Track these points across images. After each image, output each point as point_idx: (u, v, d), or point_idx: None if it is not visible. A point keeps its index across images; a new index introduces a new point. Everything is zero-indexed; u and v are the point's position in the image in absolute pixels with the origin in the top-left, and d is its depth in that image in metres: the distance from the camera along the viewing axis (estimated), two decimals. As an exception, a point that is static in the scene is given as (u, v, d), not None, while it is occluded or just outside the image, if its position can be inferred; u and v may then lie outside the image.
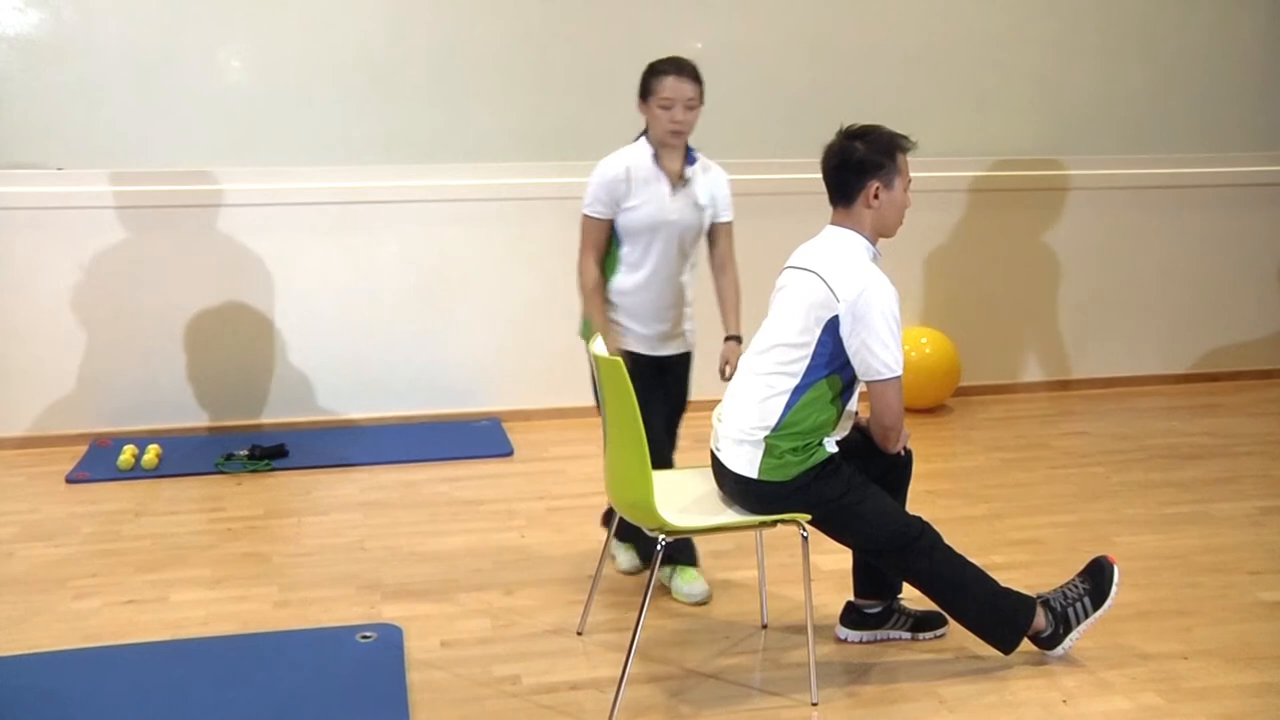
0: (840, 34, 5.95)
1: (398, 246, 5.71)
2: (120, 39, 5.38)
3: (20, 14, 5.30)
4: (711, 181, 3.92)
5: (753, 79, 5.88)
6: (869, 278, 3.14)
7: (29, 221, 5.37)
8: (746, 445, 3.21)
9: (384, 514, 4.69)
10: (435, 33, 5.64)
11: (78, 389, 5.56)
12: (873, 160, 3.21)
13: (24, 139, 5.38)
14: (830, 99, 5.81)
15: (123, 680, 3.40)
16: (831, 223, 3.30)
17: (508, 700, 3.25)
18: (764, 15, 5.87)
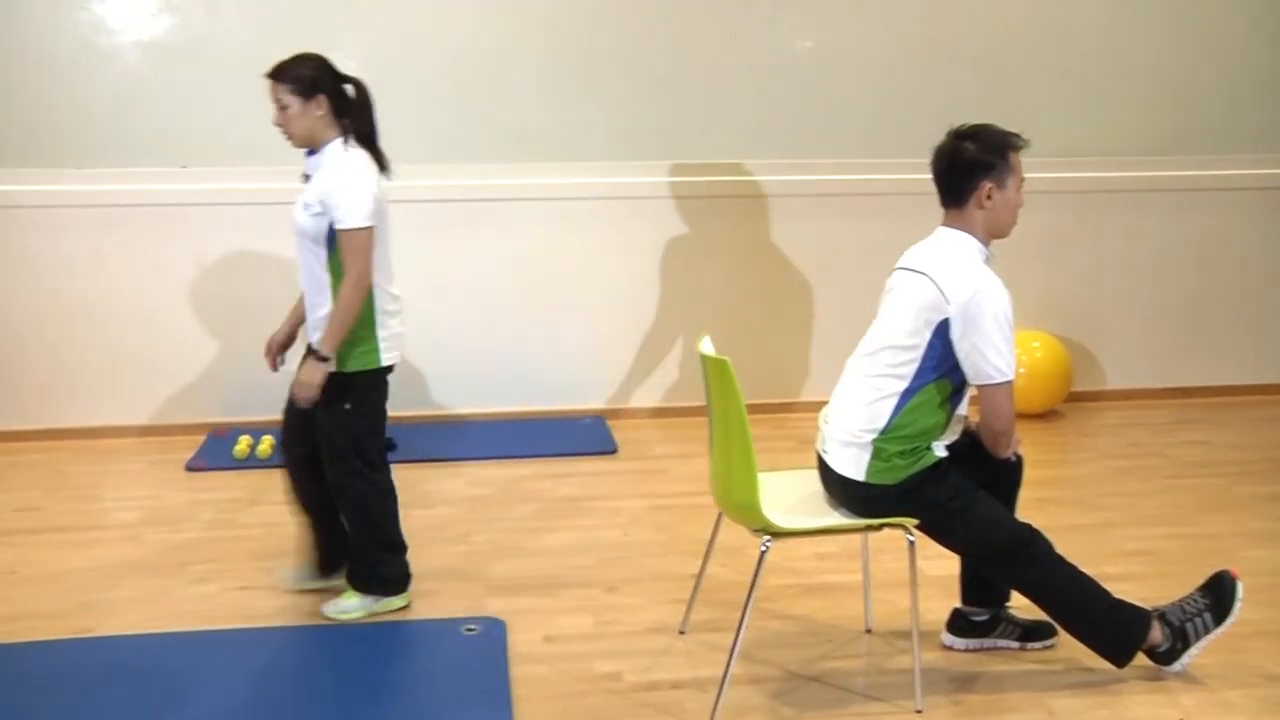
0: (949, 32, 5.84)
1: (505, 245, 5.74)
2: (242, 42, 5.48)
3: (153, 19, 5.45)
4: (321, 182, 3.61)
5: (861, 79, 5.81)
6: (981, 279, 3.08)
7: (153, 219, 5.51)
8: (854, 448, 3.16)
9: (489, 509, 4.72)
10: (544, 34, 5.66)
11: (197, 381, 5.69)
12: (984, 160, 3.15)
13: (151, 139, 5.51)
14: (939, 98, 5.70)
15: (237, 663, 3.47)
16: (943, 224, 3.24)
17: (609, 697, 3.25)
18: (872, 14, 5.79)
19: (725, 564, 3.86)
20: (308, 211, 3.58)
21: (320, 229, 3.56)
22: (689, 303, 5.82)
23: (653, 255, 5.80)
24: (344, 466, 3.69)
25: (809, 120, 5.81)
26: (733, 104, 5.78)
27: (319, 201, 3.55)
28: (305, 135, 3.60)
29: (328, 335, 3.55)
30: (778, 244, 5.86)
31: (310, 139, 3.61)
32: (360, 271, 3.54)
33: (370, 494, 3.75)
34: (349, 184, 3.56)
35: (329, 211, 3.54)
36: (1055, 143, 5.84)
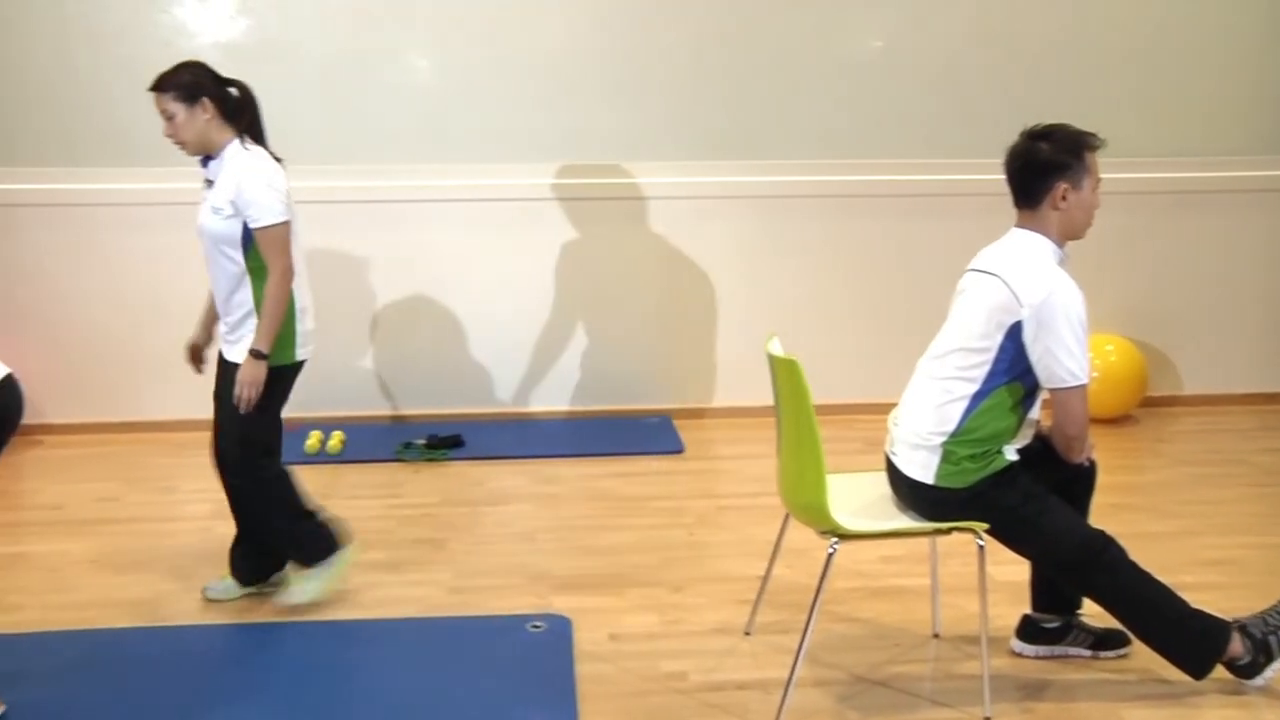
0: (1020, 30, 5.75)
1: (573, 243, 5.75)
2: (314, 43, 5.55)
3: (231, 21, 5.52)
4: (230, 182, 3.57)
5: (932, 78, 5.74)
6: (1055, 281, 3.02)
7: (229, 214, 5.58)
8: (923, 450, 3.12)
9: (555, 506, 4.73)
10: (615, 33, 5.66)
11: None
12: (1059, 161, 3.09)
13: (226, 136, 5.59)
14: (1010, 98, 5.63)
15: (304, 655, 3.51)
16: (1016, 225, 3.18)
17: (674, 696, 3.24)
18: (942, 12, 5.72)
19: (791, 565, 3.83)
20: (218, 215, 3.55)
21: (234, 231, 3.55)
22: (756, 303, 5.79)
23: (721, 255, 5.78)
24: (247, 454, 3.72)
25: (878, 120, 5.76)
26: (801, 104, 5.74)
27: (229, 203, 3.53)
28: (198, 141, 3.58)
29: (263, 332, 3.54)
30: (847, 244, 5.82)
31: (203, 145, 3.59)
32: (284, 266, 3.55)
33: (275, 483, 3.78)
34: (259, 182, 3.54)
35: (241, 212, 3.52)
36: (1131, 142, 5.72)
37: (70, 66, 5.40)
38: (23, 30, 5.31)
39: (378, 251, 5.70)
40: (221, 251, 3.58)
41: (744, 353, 5.63)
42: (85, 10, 5.43)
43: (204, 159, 3.62)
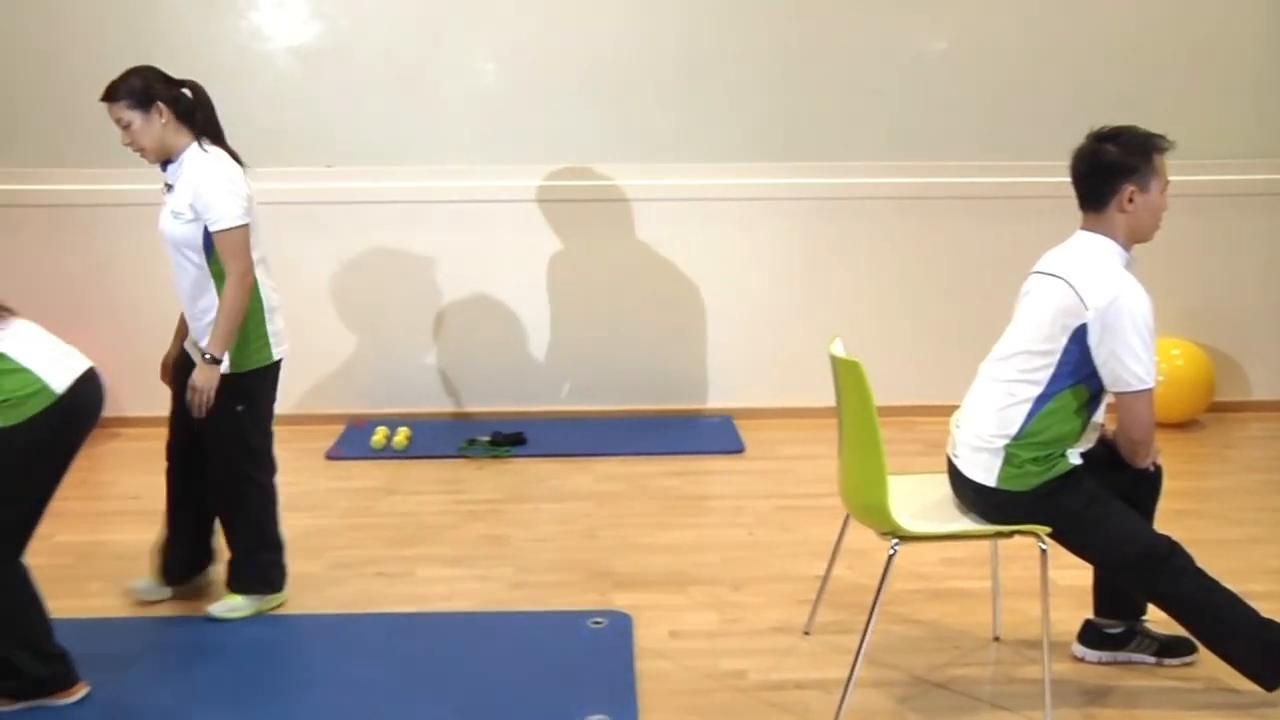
0: (1083, 31, 5.68)
1: (637, 245, 5.76)
2: (385, 46, 5.60)
3: (304, 25, 5.60)
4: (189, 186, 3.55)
5: (995, 80, 5.69)
6: (1121, 285, 2.98)
7: (300, 215, 5.65)
8: (985, 453, 3.09)
9: (616, 504, 4.73)
10: (676, 37, 5.66)
11: (337, 373, 5.83)
12: (1127, 163, 3.04)
13: (299, 139, 5.66)
14: (1075, 100, 5.56)
15: (368, 646, 3.54)
16: (1082, 227, 3.14)
17: (734, 695, 3.23)
18: (1005, 14, 5.67)
19: (851, 566, 3.82)
20: (179, 220, 3.53)
21: (195, 235, 3.53)
22: (818, 304, 5.76)
23: (782, 256, 5.77)
24: (235, 470, 3.69)
25: (938, 122, 5.72)
26: (861, 106, 5.71)
27: (189, 207, 3.51)
28: (157, 147, 3.55)
29: (216, 337, 3.50)
30: (909, 246, 5.78)
31: (163, 149, 3.56)
32: (242, 270, 3.53)
33: (258, 498, 3.76)
34: (217, 185, 3.52)
35: (201, 215, 3.50)
36: (1200, 144, 5.63)
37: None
38: (104, 43, 5.42)
39: (440, 251, 5.75)
40: (185, 255, 3.56)
41: (804, 353, 5.59)
42: (163, 18, 5.53)
43: (163, 163, 3.59)
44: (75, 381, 3.11)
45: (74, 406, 3.11)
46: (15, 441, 3.03)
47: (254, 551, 3.77)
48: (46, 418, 3.05)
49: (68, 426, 3.12)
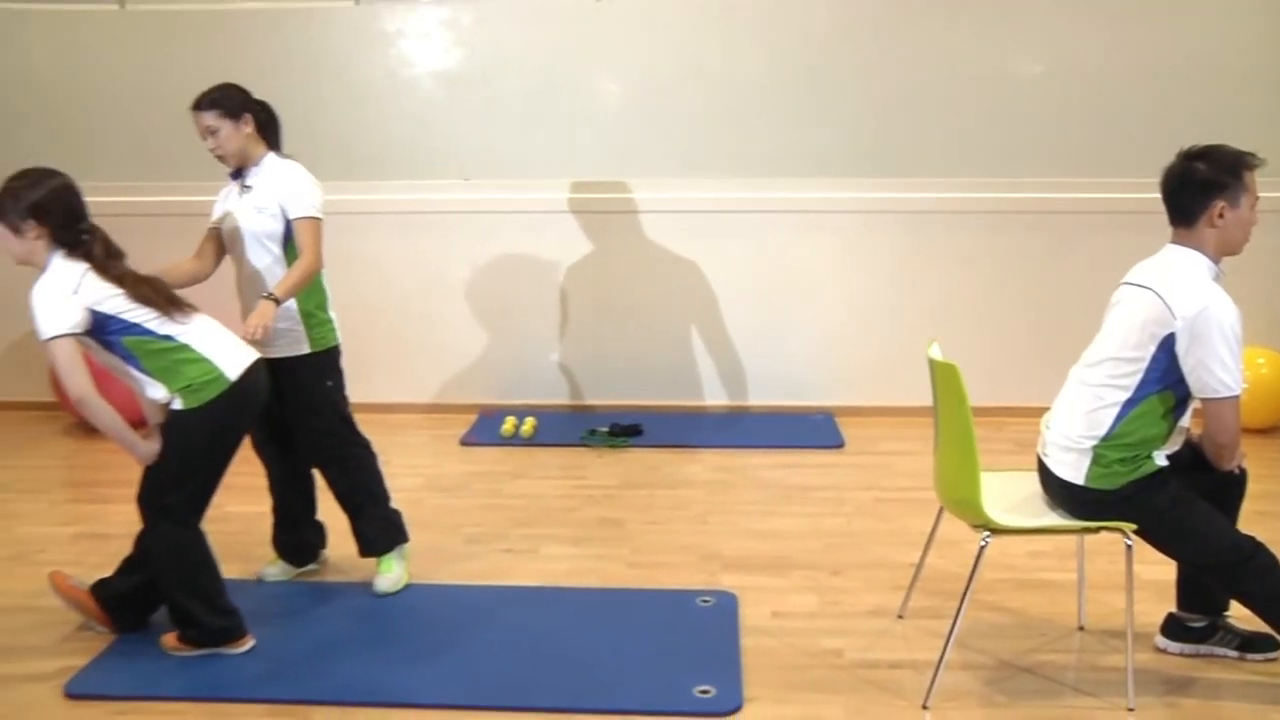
0: (1173, 52, 5.53)
1: (746, 253, 5.76)
2: (518, 72, 5.69)
3: (446, 52, 5.72)
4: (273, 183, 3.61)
5: (1084, 100, 5.57)
6: (1210, 296, 2.90)
7: (440, 224, 5.77)
8: (1074, 453, 3.04)
9: (725, 492, 4.74)
10: (786, 62, 5.65)
11: (471, 366, 5.93)
12: (1217, 180, 2.95)
13: (439, 155, 5.78)
14: (1165, 118, 5.41)
15: (494, 617, 3.59)
16: (1172, 241, 3.06)
17: (832, 671, 3.23)
18: (1096, 35, 5.54)
19: (944, 556, 3.77)
20: (262, 214, 3.57)
21: (276, 227, 3.58)
22: (914, 310, 5.71)
23: (882, 264, 5.72)
24: (337, 438, 3.75)
25: (1029, 140, 5.62)
26: (957, 124, 5.64)
27: (274, 203, 3.57)
28: (239, 153, 3.59)
29: (285, 285, 3.49)
30: (999, 257, 5.69)
31: (243, 156, 3.61)
32: (317, 251, 3.59)
33: (362, 459, 3.81)
34: (305, 181, 3.61)
35: (284, 208, 3.56)
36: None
37: (313, 94, 5.66)
38: (269, 65, 5.60)
39: (564, 257, 5.81)
40: (264, 245, 3.59)
41: (901, 356, 5.55)
42: (319, 46, 5.70)
43: (236, 170, 3.64)
44: (245, 371, 3.23)
45: (243, 393, 3.23)
46: (195, 422, 3.17)
47: (371, 510, 3.81)
48: (221, 402, 3.18)
49: (238, 410, 3.25)
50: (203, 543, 3.30)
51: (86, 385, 3.06)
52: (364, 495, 3.80)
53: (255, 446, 3.79)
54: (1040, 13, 5.57)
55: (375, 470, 3.83)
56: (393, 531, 3.84)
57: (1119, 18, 5.54)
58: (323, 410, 3.71)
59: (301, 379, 3.65)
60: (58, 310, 3.04)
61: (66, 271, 3.09)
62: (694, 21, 5.66)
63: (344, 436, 3.77)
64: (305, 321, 3.63)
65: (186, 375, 3.16)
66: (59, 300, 3.05)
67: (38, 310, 3.05)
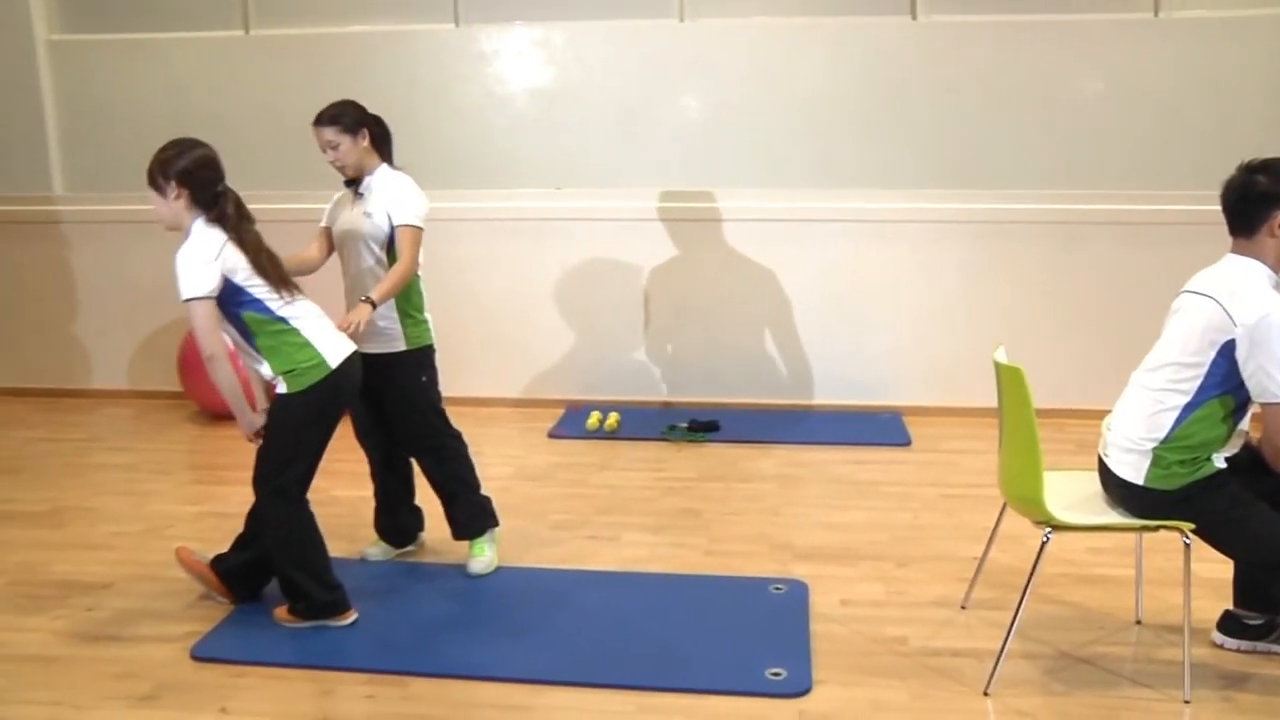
0: (1232, 70, 5.43)
1: (820, 260, 5.74)
2: (606, 88, 5.74)
3: (540, 71, 5.80)
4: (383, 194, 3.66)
5: (1154, 115, 5.47)
6: (1270, 304, 2.84)
7: (532, 230, 5.84)
8: (1134, 454, 2.99)
9: (797, 487, 4.73)
10: (858, 80, 5.64)
11: (558, 363, 5.98)
12: (1276, 192, 2.89)
13: (532, 166, 5.86)
14: (1223, 133, 5.30)
15: (579, 598, 3.62)
16: (1232, 251, 3.00)
17: (897, 658, 3.22)
18: (1159, 54, 5.47)
19: (1006, 550, 3.74)
20: (370, 219, 3.63)
21: (382, 233, 3.63)
22: (980, 315, 5.64)
23: (951, 271, 5.66)
24: (431, 430, 3.79)
25: (1094, 154, 5.55)
26: (1022, 139, 5.59)
27: (383, 210, 3.62)
28: (356, 165, 3.65)
29: (380, 290, 3.56)
30: (1063, 265, 5.60)
31: (360, 168, 3.66)
32: (413, 256, 3.64)
33: (456, 449, 3.84)
34: (412, 192, 3.67)
35: (391, 214, 3.62)
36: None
37: (417, 110, 5.77)
38: (385, 87, 5.71)
39: (649, 262, 5.84)
40: (368, 247, 3.64)
41: (967, 359, 5.50)
42: (427, 66, 5.81)
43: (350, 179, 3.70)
44: (344, 360, 3.30)
45: (341, 380, 3.30)
46: (298, 405, 3.25)
47: (464, 496, 3.87)
48: (321, 387, 3.25)
49: (336, 396, 3.31)
50: (312, 521, 3.38)
51: (219, 345, 3.15)
52: (457, 483, 3.86)
53: (358, 435, 3.87)
54: (1101, 34, 5.51)
55: (467, 459, 3.88)
56: (484, 517, 3.89)
57: (1178, 38, 5.46)
58: (418, 404, 3.77)
59: (397, 374, 3.72)
60: (199, 273, 3.12)
61: (209, 238, 3.17)
62: (771, 42, 5.67)
63: (438, 428, 3.82)
64: (402, 321, 3.70)
65: (293, 359, 3.24)
66: (200, 264, 3.13)
67: (180, 273, 3.13)
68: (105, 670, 3.18)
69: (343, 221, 3.71)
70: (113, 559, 3.97)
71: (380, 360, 3.66)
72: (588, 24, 5.78)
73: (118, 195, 5.93)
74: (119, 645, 3.32)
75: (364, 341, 3.53)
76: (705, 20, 5.75)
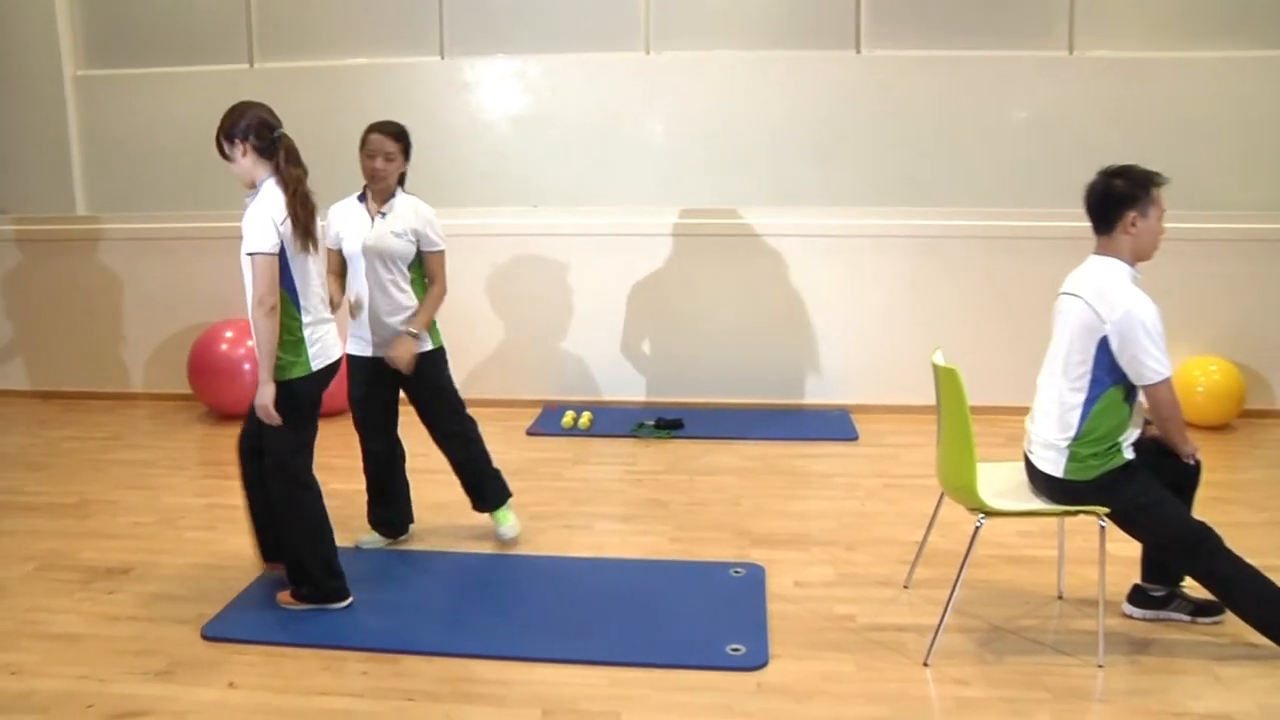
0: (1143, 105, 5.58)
1: (774, 271, 5.79)
2: (579, 114, 5.78)
3: (517, 98, 5.84)
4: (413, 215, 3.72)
5: (1070, 142, 5.59)
6: (1129, 299, 2.95)
7: (511, 244, 5.86)
8: (1052, 450, 3.09)
9: (754, 478, 4.76)
10: (809, 106, 5.71)
11: (536, 367, 6.01)
12: (1130, 193, 3.02)
13: (511, 185, 5.89)
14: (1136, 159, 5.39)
15: (552, 582, 3.65)
16: (1094, 252, 3.12)
17: (846, 633, 3.27)
18: (1078, 89, 5.60)
19: (944, 535, 3.77)
20: (400, 239, 3.67)
21: (409, 252, 3.69)
22: (921, 321, 5.73)
23: (894, 281, 5.75)
24: (457, 415, 3.90)
25: (1017, 175, 5.66)
26: (955, 162, 5.70)
27: (411, 231, 3.68)
28: (392, 183, 3.70)
29: (420, 321, 3.72)
30: (993, 274, 5.70)
31: (390, 187, 3.71)
32: (444, 280, 3.79)
33: (477, 429, 3.96)
34: (434, 219, 3.75)
35: (421, 239, 3.70)
36: (1233, 197, 5.49)
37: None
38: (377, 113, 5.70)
39: (619, 273, 5.87)
40: (393, 268, 3.68)
41: (908, 360, 5.58)
42: (415, 95, 5.83)
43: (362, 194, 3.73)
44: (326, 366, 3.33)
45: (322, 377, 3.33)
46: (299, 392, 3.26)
47: (486, 471, 3.98)
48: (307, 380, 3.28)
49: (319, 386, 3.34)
50: (325, 508, 3.39)
51: (273, 299, 3.15)
52: (481, 460, 3.97)
53: (364, 429, 3.88)
54: (1024, 69, 5.63)
55: (482, 440, 3.99)
56: (503, 489, 4.02)
57: (1090, 74, 5.59)
58: (444, 392, 3.88)
59: (427, 371, 3.79)
60: (264, 230, 3.14)
61: (275, 201, 3.18)
62: (730, 73, 5.74)
63: (461, 413, 3.93)
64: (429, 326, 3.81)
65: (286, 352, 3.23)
66: (266, 223, 3.14)
67: (248, 229, 3.15)
68: (125, 647, 3.20)
69: (362, 238, 3.67)
70: (132, 547, 3.98)
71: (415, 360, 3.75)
72: (562, 56, 5.82)
73: (134, 215, 5.96)
74: (137, 625, 3.35)
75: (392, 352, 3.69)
76: (670, 53, 5.81)
